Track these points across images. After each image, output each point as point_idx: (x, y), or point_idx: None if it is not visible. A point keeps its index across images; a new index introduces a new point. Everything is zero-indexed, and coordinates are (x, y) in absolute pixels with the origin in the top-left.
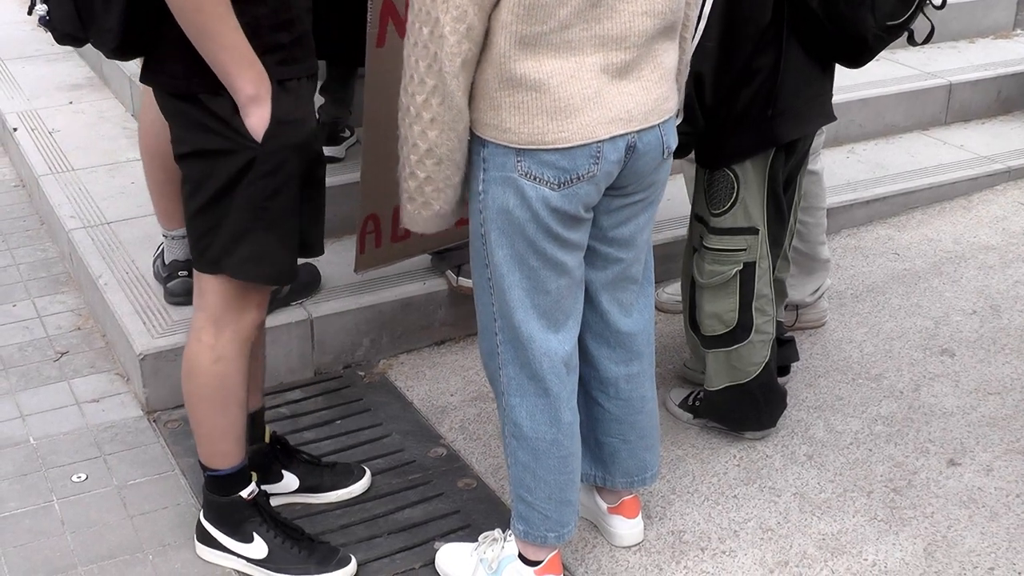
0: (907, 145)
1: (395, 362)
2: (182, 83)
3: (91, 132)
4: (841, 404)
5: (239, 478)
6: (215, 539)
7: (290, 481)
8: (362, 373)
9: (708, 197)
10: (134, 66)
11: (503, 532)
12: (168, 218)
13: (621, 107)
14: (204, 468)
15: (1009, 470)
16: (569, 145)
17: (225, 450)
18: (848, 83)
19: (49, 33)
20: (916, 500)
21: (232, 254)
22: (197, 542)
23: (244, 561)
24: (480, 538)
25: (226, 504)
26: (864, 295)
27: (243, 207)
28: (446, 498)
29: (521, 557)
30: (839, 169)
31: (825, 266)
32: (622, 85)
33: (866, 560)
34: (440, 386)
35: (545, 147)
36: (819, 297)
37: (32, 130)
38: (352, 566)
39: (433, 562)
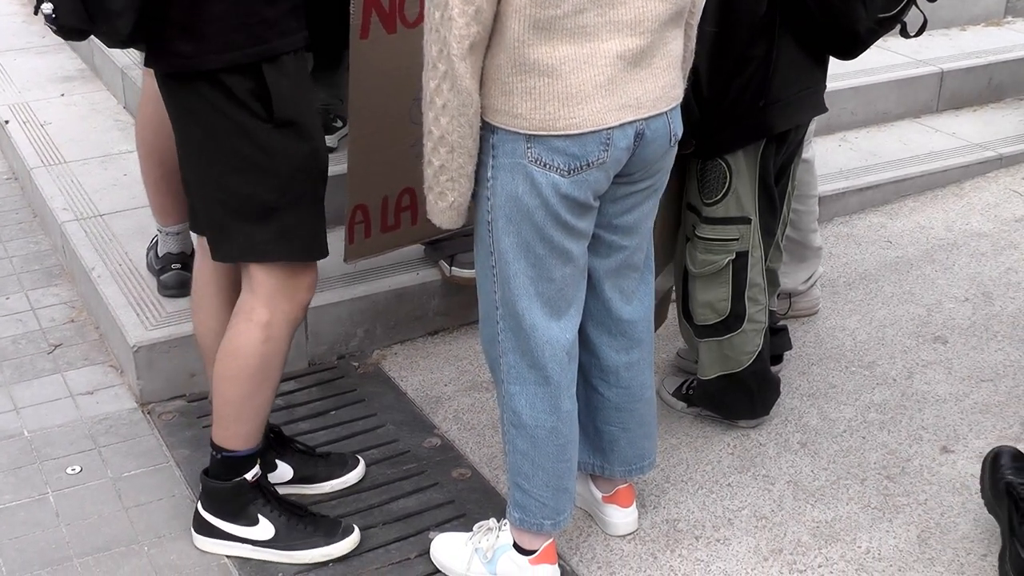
0: (899, 133)
1: (389, 352)
2: (193, 62)
3: (83, 124)
4: (834, 392)
5: (248, 461)
6: (216, 528)
7: (284, 471)
8: (356, 363)
9: (701, 187)
10: (126, 58)
11: (498, 522)
12: (164, 214)
13: (631, 94)
14: (218, 449)
15: None
16: (580, 131)
17: (248, 431)
18: (840, 71)
19: (53, 29)
20: (909, 487)
21: (254, 238)
22: (196, 534)
23: (250, 545)
24: (475, 527)
25: (229, 489)
26: (857, 283)
27: (266, 186)
28: (440, 488)
29: (516, 546)
30: (831, 157)
31: (817, 254)
32: (633, 72)
33: (860, 547)
34: (434, 376)
35: (556, 133)
36: (812, 285)
37: (24, 122)
38: (356, 535)
39: (428, 552)
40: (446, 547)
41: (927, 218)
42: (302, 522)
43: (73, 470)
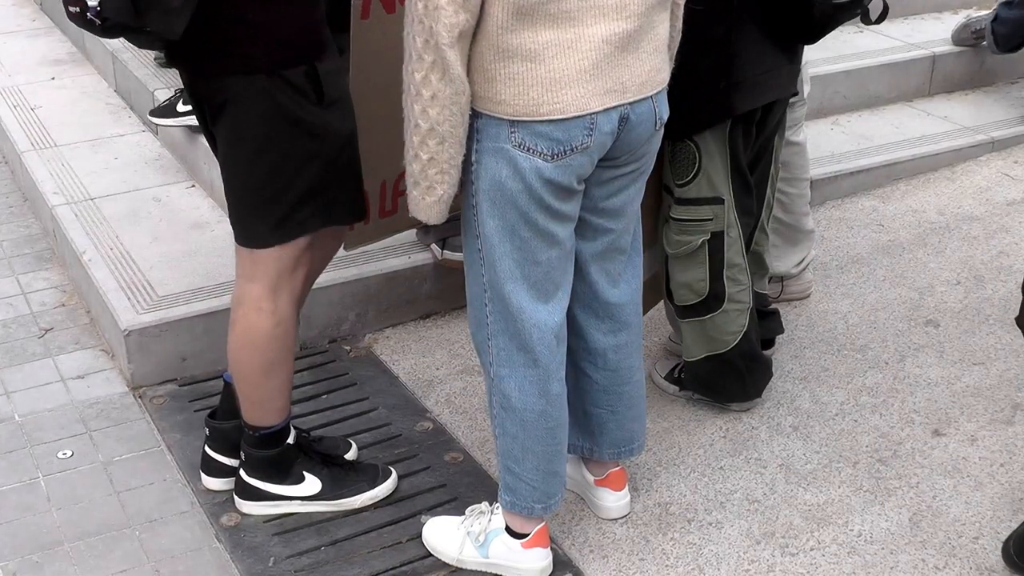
0: (891, 116)
1: (381, 336)
2: (261, 62)
3: (74, 108)
4: (826, 375)
5: (286, 429)
6: (264, 492)
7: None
8: (348, 347)
9: (672, 168)
10: (117, 42)
11: (490, 505)
12: None
13: (616, 79)
14: (255, 429)
15: (993, 440)
16: (563, 116)
17: (280, 406)
18: (832, 55)
19: (96, 23)
20: (901, 470)
21: (293, 219)
22: (243, 501)
23: (299, 501)
24: (467, 511)
25: (274, 455)
26: (849, 266)
27: (316, 171)
28: (433, 472)
29: (508, 530)
30: (823, 140)
31: (809, 237)
32: (620, 57)
33: (852, 530)
34: (426, 360)
35: (539, 118)
36: (804, 269)
37: (14, 106)
38: (395, 475)
39: (420, 536)
40: (438, 531)
41: (919, 202)
42: (343, 471)
43: (64, 454)
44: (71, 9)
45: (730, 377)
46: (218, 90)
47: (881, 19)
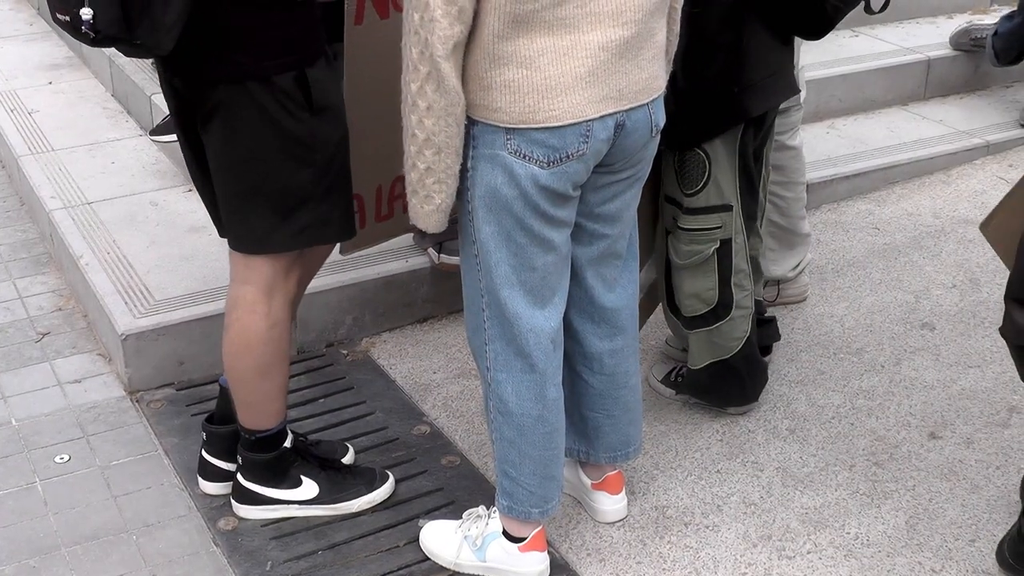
0: (887, 120)
1: (378, 340)
2: (251, 69)
3: (71, 112)
4: (823, 378)
5: (283, 432)
6: (262, 496)
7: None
8: (345, 351)
9: (680, 178)
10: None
11: (487, 509)
12: None
13: (613, 86)
14: (251, 432)
15: (989, 442)
16: (559, 124)
17: (276, 409)
18: (828, 59)
19: (91, 36)
20: (898, 473)
21: (292, 228)
22: (239, 505)
23: (296, 505)
24: (464, 515)
25: (273, 459)
26: (845, 270)
27: (307, 179)
28: (430, 475)
29: (505, 534)
30: (819, 144)
31: (805, 241)
32: (619, 63)
33: (848, 533)
34: (423, 363)
35: (535, 125)
36: (800, 272)
37: (11, 110)
38: (392, 480)
39: (417, 540)
40: (436, 535)
41: (914, 205)
42: (340, 475)
43: (61, 459)
44: (61, 18)
45: (731, 382)
46: (208, 97)
47: (884, 8)
